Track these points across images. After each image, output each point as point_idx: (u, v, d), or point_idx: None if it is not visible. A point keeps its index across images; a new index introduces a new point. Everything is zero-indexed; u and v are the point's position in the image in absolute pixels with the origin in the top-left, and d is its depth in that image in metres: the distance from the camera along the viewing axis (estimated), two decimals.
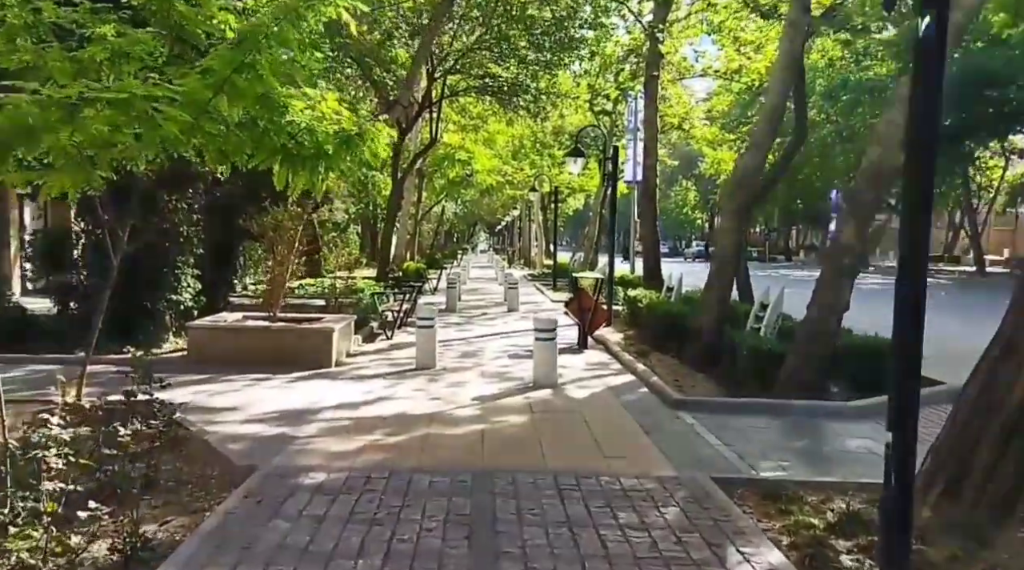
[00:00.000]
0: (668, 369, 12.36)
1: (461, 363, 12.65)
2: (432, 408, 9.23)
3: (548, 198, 47.22)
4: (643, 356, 13.65)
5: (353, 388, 10.33)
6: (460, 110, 36.10)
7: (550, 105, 28.48)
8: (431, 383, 10.85)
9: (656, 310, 15.37)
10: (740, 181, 13.05)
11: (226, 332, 11.89)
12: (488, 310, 21.89)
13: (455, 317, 19.68)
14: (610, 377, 11.75)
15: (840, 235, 10.43)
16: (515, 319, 19.69)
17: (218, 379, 10.60)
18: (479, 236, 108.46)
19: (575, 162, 18.28)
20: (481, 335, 16.33)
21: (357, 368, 11.94)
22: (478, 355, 13.58)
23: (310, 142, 8.35)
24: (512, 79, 27.90)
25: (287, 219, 12.73)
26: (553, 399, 10.01)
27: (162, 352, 12.47)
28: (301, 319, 13.10)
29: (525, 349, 13.97)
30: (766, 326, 12.46)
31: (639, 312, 17.07)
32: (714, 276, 13.11)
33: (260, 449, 7.23)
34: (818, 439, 8.45)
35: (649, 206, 20.58)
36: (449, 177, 39.56)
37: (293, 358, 11.57)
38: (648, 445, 7.81)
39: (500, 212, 68.68)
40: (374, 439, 7.73)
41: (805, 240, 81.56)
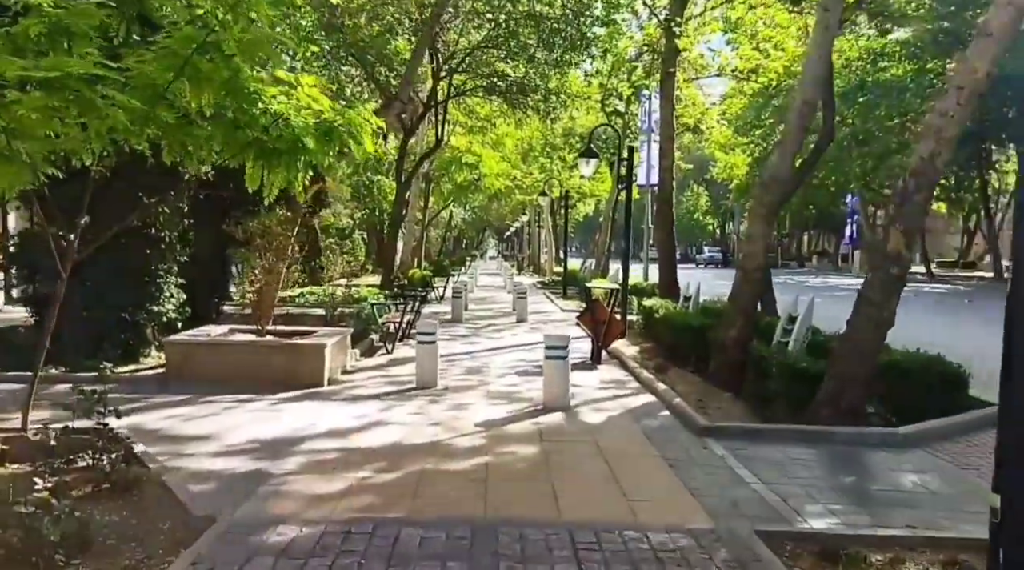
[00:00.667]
0: (690, 387, 11.36)
1: (465, 381, 11.64)
2: (431, 436, 8.23)
3: (558, 203, 46.26)
4: (661, 372, 12.66)
5: (345, 412, 9.33)
6: (468, 112, 35.17)
7: (560, 105, 27.48)
8: (431, 405, 9.85)
9: (674, 322, 14.35)
10: (768, 182, 12.03)
11: (208, 348, 10.91)
12: (496, 321, 20.89)
13: (461, 328, 18.68)
14: (627, 398, 10.73)
15: (885, 241, 9.38)
16: (524, 330, 18.69)
17: (196, 400, 9.62)
18: (488, 242, 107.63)
19: (587, 163, 17.26)
20: (488, 349, 15.33)
21: (352, 387, 10.95)
22: (484, 372, 12.58)
23: (286, 134, 7.39)
24: (521, 78, 26.96)
25: (276, 224, 11.76)
26: (566, 425, 8.99)
27: (141, 369, 11.51)
28: (292, 333, 12.13)
29: (534, 365, 12.97)
30: (795, 340, 11.43)
31: (655, 323, 16.05)
32: (740, 286, 12.08)
33: (227, 492, 6.24)
34: (867, 474, 7.42)
35: (665, 211, 19.52)
36: (457, 181, 38.61)
37: (281, 376, 10.59)
38: (676, 484, 6.79)
39: (509, 218, 67.77)
40: (361, 478, 6.73)
41: (817, 246, 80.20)
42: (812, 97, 12.07)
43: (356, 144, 7.76)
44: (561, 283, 34.49)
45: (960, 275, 48.72)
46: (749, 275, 12.08)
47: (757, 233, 12.16)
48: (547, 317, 21.99)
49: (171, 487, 6.04)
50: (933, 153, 9.13)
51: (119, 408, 6.57)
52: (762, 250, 12.21)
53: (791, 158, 12.12)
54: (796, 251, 76.54)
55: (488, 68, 27.13)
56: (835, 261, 65.28)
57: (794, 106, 12.49)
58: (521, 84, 26.98)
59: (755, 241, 12.21)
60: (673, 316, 14.70)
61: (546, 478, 6.84)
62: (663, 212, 19.69)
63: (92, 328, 11.47)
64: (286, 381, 10.51)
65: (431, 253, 54.61)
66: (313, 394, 10.29)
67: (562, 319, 21.32)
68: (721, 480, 6.98)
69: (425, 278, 30.95)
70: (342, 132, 7.54)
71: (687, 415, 9.25)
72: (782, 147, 12.07)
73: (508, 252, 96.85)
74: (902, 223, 9.29)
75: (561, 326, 19.47)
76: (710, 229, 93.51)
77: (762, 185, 12.24)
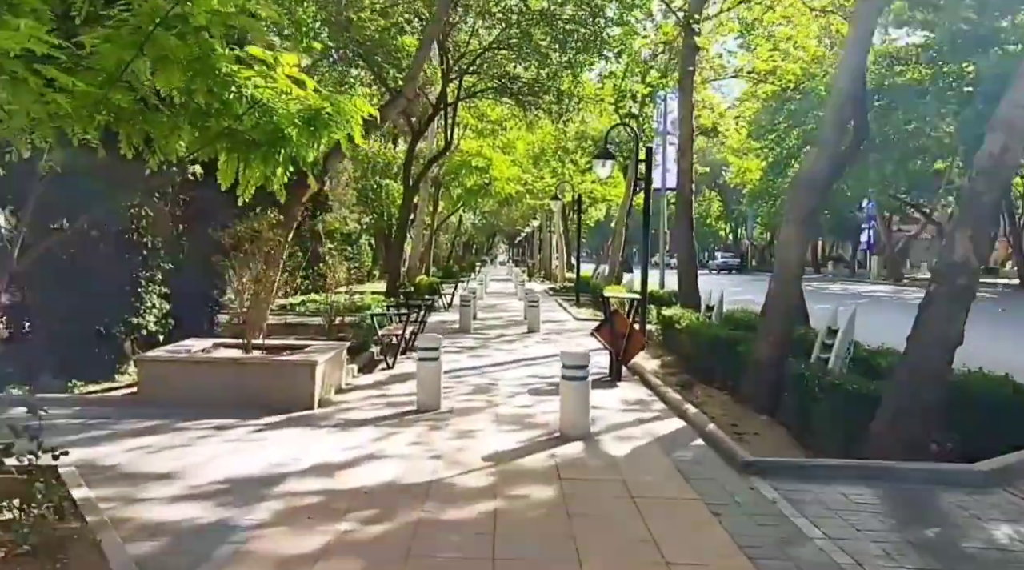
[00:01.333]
0: (721, 408, 10.17)
1: (472, 402, 10.44)
2: (430, 474, 7.04)
3: (569, 208, 45.08)
4: (686, 389, 11.48)
5: (334, 441, 8.13)
6: (479, 116, 34.02)
7: (573, 107, 26.30)
8: (433, 432, 8.64)
9: (700, 334, 13.14)
10: (806, 185, 10.83)
11: (184, 366, 9.72)
12: (506, 331, 19.67)
13: (469, 340, 17.48)
14: (654, 422, 9.50)
15: (951, 249, 8.14)
16: (536, 341, 17.48)
17: (167, 427, 8.44)
18: (498, 247, 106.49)
19: (603, 165, 16.04)
20: (497, 363, 14.12)
21: (345, 409, 9.76)
22: (493, 390, 11.37)
23: (264, 123, 6.23)
24: (533, 80, 25.81)
25: (267, 228, 10.60)
26: (586, 458, 7.78)
27: (116, 387, 10.36)
28: (284, 348, 10.95)
29: (548, 382, 11.78)
30: (836, 356, 10.18)
31: (676, 334, 14.85)
32: (775, 297, 10.85)
33: (177, 554, 5.05)
34: (950, 525, 6.17)
35: (684, 215, 18.33)
36: (467, 186, 37.45)
37: (267, 398, 9.42)
38: (725, 541, 5.56)
39: (520, 223, 66.59)
40: (345, 531, 5.54)
41: (831, 252, 78.62)
42: (851, 89, 10.88)
43: (345, 135, 6.59)
44: (574, 290, 33.30)
45: (982, 281, 47.09)
46: (784, 285, 10.85)
47: (793, 239, 10.92)
48: (560, 327, 20.78)
49: (106, 550, 4.84)
50: (1004, 147, 7.91)
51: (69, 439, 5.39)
52: (798, 258, 10.99)
53: (829, 158, 10.91)
54: (812, 257, 74.98)
55: (499, 69, 26.01)
56: (852, 267, 63.79)
57: (831, 102, 11.31)
58: (533, 85, 25.85)
59: (790, 248, 10.97)
60: (698, 328, 13.49)
61: (566, 534, 5.61)
62: (682, 216, 18.49)
63: (63, 342, 10.35)
64: (272, 403, 9.34)
65: (440, 258, 53.50)
66: (301, 419, 9.10)
67: (576, 329, 20.12)
68: (778, 534, 5.75)
69: (433, 285, 29.79)
70: (329, 121, 6.37)
71: (725, 446, 8.02)
72: (820, 147, 10.87)
73: (519, 257, 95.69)
74: (969, 227, 8.06)
75: (576, 337, 18.29)
76: (723, 234, 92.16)
77: (798, 187, 11.04)
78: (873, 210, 53.56)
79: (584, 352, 8.90)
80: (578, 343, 17.10)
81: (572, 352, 8.76)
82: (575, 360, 8.58)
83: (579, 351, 8.96)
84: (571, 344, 16.82)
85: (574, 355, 8.66)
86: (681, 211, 18.52)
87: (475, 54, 25.63)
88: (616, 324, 12.28)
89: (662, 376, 12.72)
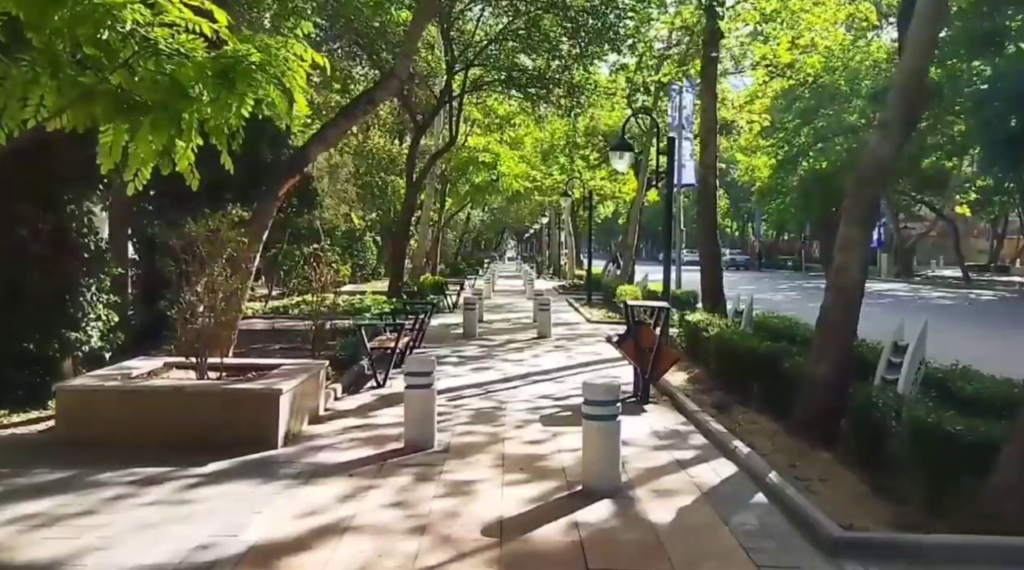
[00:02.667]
0: (770, 441, 8.13)
1: (472, 436, 8.33)
2: (409, 558, 4.95)
3: (578, 205, 42.94)
4: (723, 411, 9.47)
5: (289, 504, 6.02)
6: (486, 112, 31.84)
7: (584, 101, 24.14)
8: (420, 485, 6.53)
9: (733, 346, 10.99)
10: (870, 175, 8.69)
11: (115, 396, 7.58)
12: (514, 336, 17.55)
13: (472, 347, 15.36)
14: (697, 466, 7.38)
15: None
16: (547, 349, 15.35)
17: (77, 481, 6.34)
18: (507, 243, 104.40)
19: (621, 157, 13.94)
20: (503, 378, 12.01)
21: (316, 448, 7.67)
22: (498, 417, 9.25)
23: (158, 75, 4.14)
24: (542, 72, 23.66)
25: (228, 227, 8.49)
26: (620, 529, 5.66)
27: (41, 419, 8.28)
28: (249, 368, 8.87)
29: (563, 404, 9.73)
30: (906, 378, 8.07)
31: (702, 343, 12.72)
32: (834, 309, 8.73)
33: None
34: None
35: (708, 213, 16.19)
36: (474, 182, 35.31)
37: (219, 436, 7.36)
38: None
39: (528, 219, 64.45)
40: None
41: None
42: (919, 66, 8.76)
43: (280, 95, 4.50)
44: (583, 287, 31.19)
45: (997, 280, 44.81)
46: (844, 294, 8.69)
47: (856, 239, 8.75)
48: (573, 331, 18.66)
49: None
50: None
51: None
52: (860, 261, 8.81)
53: (898, 143, 8.77)
54: (821, 254, 72.57)
55: (507, 60, 23.86)
56: None
57: (898, 80, 9.16)
58: (542, 78, 23.69)
59: (851, 249, 8.78)
60: (731, 338, 11.33)
61: None
62: (706, 213, 16.35)
63: None
64: (225, 443, 7.26)
65: (448, 255, 51.46)
66: (258, 464, 7.01)
67: (590, 333, 18.01)
68: None
69: (439, 284, 27.70)
70: (254, 73, 4.27)
71: (800, 510, 5.89)
72: (885, 129, 8.67)
73: (527, 253, 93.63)
74: None
75: (590, 343, 16.19)
76: (730, 232, 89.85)
77: (861, 179, 8.85)
78: (883, 207, 51.16)
79: (611, 383, 6.74)
80: (594, 351, 15.01)
81: (596, 383, 6.59)
82: (600, 394, 6.45)
83: (604, 381, 6.78)
84: (586, 353, 14.72)
85: (599, 388, 6.52)
86: (704, 208, 16.36)
87: (481, 45, 23.51)
88: (641, 336, 10.17)
89: (692, 394, 10.66)
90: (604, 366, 13.24)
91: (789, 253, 75.58)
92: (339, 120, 10.54)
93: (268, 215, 10.38)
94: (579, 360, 13.85)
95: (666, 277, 13.58)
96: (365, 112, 10.83)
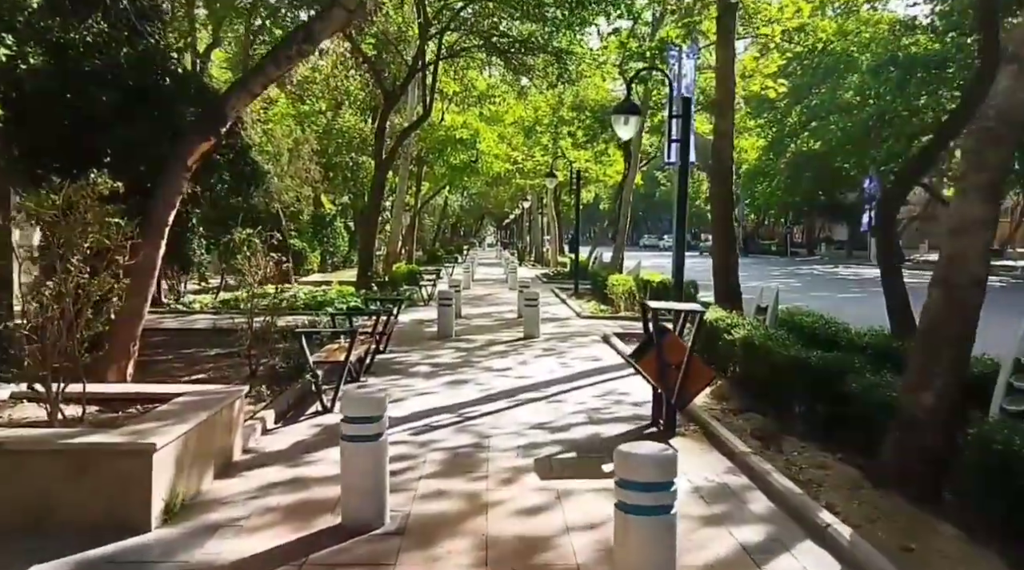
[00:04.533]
0: (854, 497, 5.94)
1: (441, 499, 5.75)
2: None
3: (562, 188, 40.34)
4: (768, 444, 7.20)
5: None
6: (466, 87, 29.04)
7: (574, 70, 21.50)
8: None
9: (771, 354, 8.52)
10: (998, 129, 6.14)
11: None
12: (497, 336, 14.94)
13: (447, 352, 12.74)
14: (774, 557, 4.87)
15: None
16: (536, 353, 12.77)
17: None
18: (486, 230, 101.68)
19: (625, 122, 11.39)
20: (485, 396, 9.42)
21: (209, 529, 5.08)
22: (478, 464, 6.65)
23: None
24: (525, 37, 21.00)
25: (90, 200, 5.82)
26: None
27: None
28: (136, 400, 6.27)
29: (564, 440, 7.22)
30: None
31: (722, 347, 10.25)
32: (940, 314, 6.27)
33: None
34: None
35: (722, 191, 13.65)
36: (451, 163, 32.59)
37: (58, 514, 4.79)
38: None
39: (508, 205, 61.74)
40: None
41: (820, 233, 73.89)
42: None
43: None
44: (568, 275, 28.67)
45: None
46: (958, 293, 6.19)
47: (974, 218, 6.20)
48: (564, 328, 16.10)
49: None
50: None
51: None
52: (981, 250, 6.29)
53: None
54: (805, 239, 70.53)
55: (486, 23, 21.16)
56: (848, 249, 59.21)
57: None
58: (525, 43, 21.02)
59: (969, 233, 6.21)
60: (766, 344, 8.83)
61: None
62: (720, 192, 13.81)
63: None
64: (69, 526, 4.70)
65: (425, 241, 48.75)
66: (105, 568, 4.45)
67: (583, 332, 15.46)
68: None
69: (413, 272, 25.05)
70: None
71: None
72: (1020, 64, 6.14)
73: (507, 240, 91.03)
74: None
75: (586, 345, 13.67)
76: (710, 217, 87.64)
77: (984, 136, 6.25)
78: (876, 189, 48.99)
79: (663, 452, 4.06)
80: (592, 355, 12.49)
81: (639, 452, 3.97)
82: (648, 471, 3.89)
83: (652, 451, 4.08)
84: (582, 358, 12.19)
85: (644, 460, 3.90)
86: (718, 185, 13.80)
87: (458, 5, 20.80)
88: (667, 348, 7.64)
89: (722, 417, 8.27)
90: (607, 377, 10.75)
91: (770, 238, 73.41)
92: (267, 65, 7.90)
93: (173, 191, 7.74)
94: (576, 368, 11.33)
95: (679, 264, 11.05)
96: (301, 54, 8.16)
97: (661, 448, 4.00)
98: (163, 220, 7.80)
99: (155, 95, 10.52)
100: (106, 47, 10.34)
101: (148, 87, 10.49)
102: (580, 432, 7.73)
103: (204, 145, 7.80)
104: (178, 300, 18.71)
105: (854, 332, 9.25)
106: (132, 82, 10.25)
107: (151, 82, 10.50)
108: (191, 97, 10.60)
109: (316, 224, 31.12)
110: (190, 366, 10.67)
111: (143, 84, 10.43)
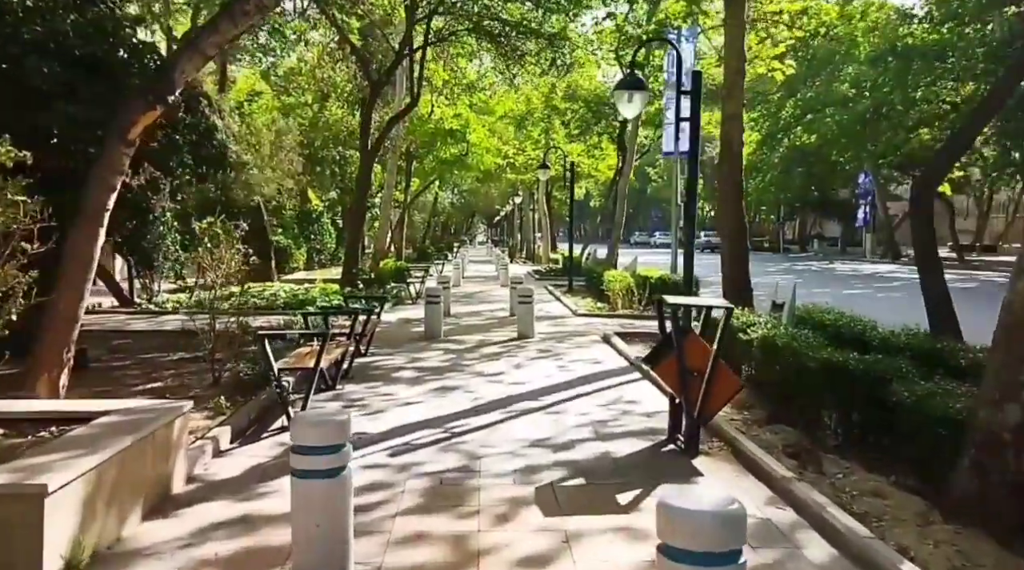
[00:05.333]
0: (921, 532, 4.93)
1: (421, 546, 4.55)
2: None
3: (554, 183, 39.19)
4: (805, 462, 6.24)
5: None
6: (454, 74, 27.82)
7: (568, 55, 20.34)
8: None
9: (797, 356, 7.34)
10: None
11: None
12: (488, 336, 13.74)
13: (435, 355, 11.54)
14: None
15: None
16: (531, 356, 11.59)
17: None
18: (477, 227, 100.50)
19: (630, 99, 10.21)
20: (475, 407, 8.23)
21: None
22: (467, 494, 5.46)
23: None
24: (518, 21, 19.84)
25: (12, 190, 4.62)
26: None
27: None
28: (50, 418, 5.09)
29: (568, 461, 6.07)
30: None
31: (737, 347, 9.05)
32: None
33: None
34: None
35: (731, 177, 12.50)
36: (441, 158, 31.38)
37: None
38: None
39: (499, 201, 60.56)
40: None
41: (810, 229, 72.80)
42: None
43: None
44: (561, 272, 27.51)
45: (989, 260, 41.76)
46: None
47: None
48: (560, 327, 14.93)
49: None
50: None
51: None
52: None
53: None
54: (797, 235, 69.48)
55: (477, 4, 19.96)
56: (842, 245, 58.19)
57: None
58: (518, 27, 19.86)
59: None
60: (792, 345, 7.65)
61: None
62: (730, 177, 12.64)
63: None
64: None
65: (415, 239, 47.53)
66: None
67: (580, 331, 14.29)
68: None
69: (401, 269, 23.86)
70: None
71: None
72: None
73: (498, 237, 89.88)
74: None
75: (585, 345, 12.51)
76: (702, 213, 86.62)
77: None
78: (871, 185, 48.05)
79: (731, 508, 2.87)
80: (592, 357, 11.33)
81: (693, 509, 2.79)
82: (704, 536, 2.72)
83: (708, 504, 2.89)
84: (582, 360, 11.03)
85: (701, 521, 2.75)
86: (727, 172, 12.61)
87: None
88: (689, 353, 6.47)
89: (747, 429, 7.15)
90: (612, 382, 9.59)
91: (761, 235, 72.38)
92: (221, 21, 6.65)
93: (110, 170, 6.52)
94: (576, 373, 10.17)
95: (688, 259, 9.86)
96: (260, 9, 6.93)
97: (722, 500, 2.83)
98: (100, 203, 6.59)
99: (106, 68, 9.32)
100: (50, 12, 9.11)
101: (98, 59, 9.29)
102: (586, 450, 6.57)
103: (148, 115, 6.58)
104: (151, 300, 17.44)
105: (887, 331, 8.16)
106: (79, 52, 9.06)
107: (101, 53, 9.29)
108: (147, 69, 9.38)
109: (302, 220, 29.87)
110: (147, 373, 9.47)
111: (93, 55, 9.23)
